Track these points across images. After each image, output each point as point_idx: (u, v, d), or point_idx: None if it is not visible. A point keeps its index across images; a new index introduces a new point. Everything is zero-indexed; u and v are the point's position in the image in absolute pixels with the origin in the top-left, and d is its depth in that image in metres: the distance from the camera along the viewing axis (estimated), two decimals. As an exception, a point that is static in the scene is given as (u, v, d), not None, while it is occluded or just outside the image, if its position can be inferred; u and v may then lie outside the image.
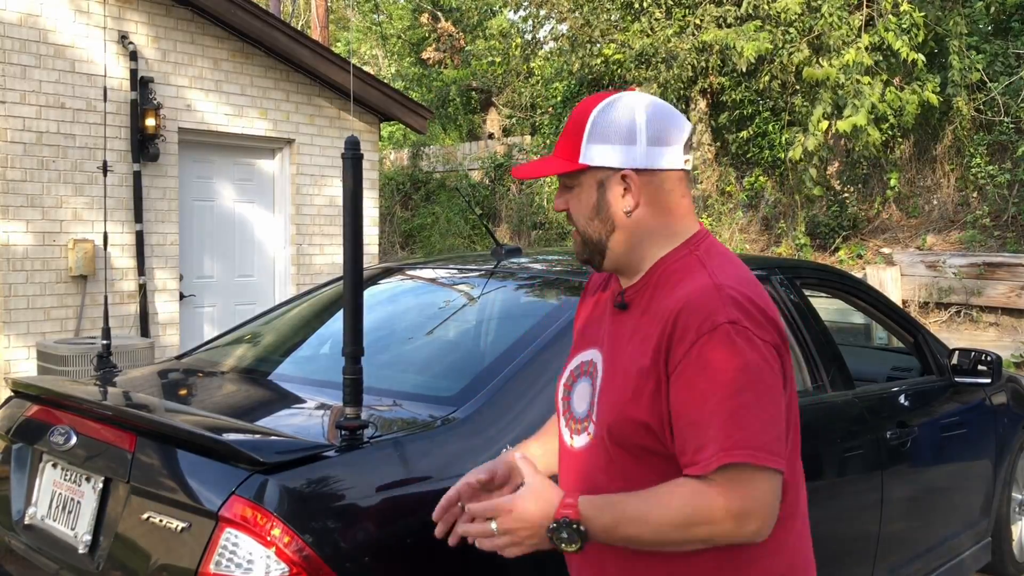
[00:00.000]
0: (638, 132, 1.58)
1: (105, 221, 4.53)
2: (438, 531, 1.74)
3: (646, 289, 1.61)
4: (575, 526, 1.45)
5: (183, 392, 2.90)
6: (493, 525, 1.50)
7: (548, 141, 15.35)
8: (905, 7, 10.18)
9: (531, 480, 1.52)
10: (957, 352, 3.75)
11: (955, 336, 9.55)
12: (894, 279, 10.23)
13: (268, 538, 1.84)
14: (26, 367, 6.12)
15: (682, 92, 12.99)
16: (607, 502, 1.48)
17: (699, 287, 1.52)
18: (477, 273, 3.31)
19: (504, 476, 1.75)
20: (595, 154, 1.58)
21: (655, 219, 1.61)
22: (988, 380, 3.69)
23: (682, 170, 1.61)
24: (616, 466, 1.57)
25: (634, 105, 1.59)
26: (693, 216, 1.65)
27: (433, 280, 3.45)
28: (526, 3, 15.74)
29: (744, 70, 11.75)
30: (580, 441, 1.65)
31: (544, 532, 1.47)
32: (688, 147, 1.61)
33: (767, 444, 1.44)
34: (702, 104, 13.41)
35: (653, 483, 1.49)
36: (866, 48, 10.31)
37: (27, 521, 2.49)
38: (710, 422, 1.43)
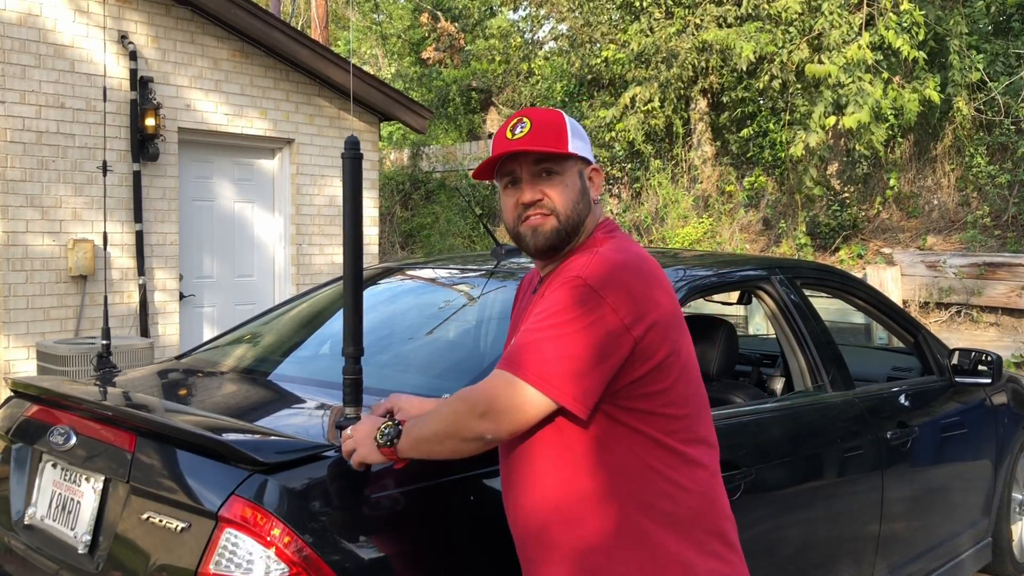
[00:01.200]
0: (588, 140, 1.90)
1: (105, 221, 4.53)
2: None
3: (558, 272, 1.82)
4: (395, 421, 1.83)
5: (183, 392, 2.89)
6: (347, 432, 1.91)
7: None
8: (905, 6, 10.18)
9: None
10: (957, 352, 3.75)
11: (955, 336, 9.54)
12: (894, 279, 10.22)
13: (268, 538, 1.84)
14: (26, 367, 6.12)
15: (682, 92, 13.00)
16: (418, 416, 1.82)
17: (581, 259, 1.77)
18: (477, 273, 3.31)
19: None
20: (578, 147, 1.84)
21: (596, 210, 1.90)
22: (988, 380, 3.69)
23: None
24: (522, 436, 1.78)
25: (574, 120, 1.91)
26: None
27: (433, 280, 3.45)
28: (526, 3, 15.74)
29: (744, 69, 11.75)
30: None
31: (372, 433, 1.83)
32: None
33: (538, 369, 1.65)
34: (702, 104, 13.41)
35: (542, 434, 1.73)
36: (867, 47, 10.31)
37: (27, 521, 2.49)
38: (512, 348, 1.71)
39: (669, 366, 1.73)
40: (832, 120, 10.30)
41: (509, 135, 1.83)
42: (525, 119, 1.83)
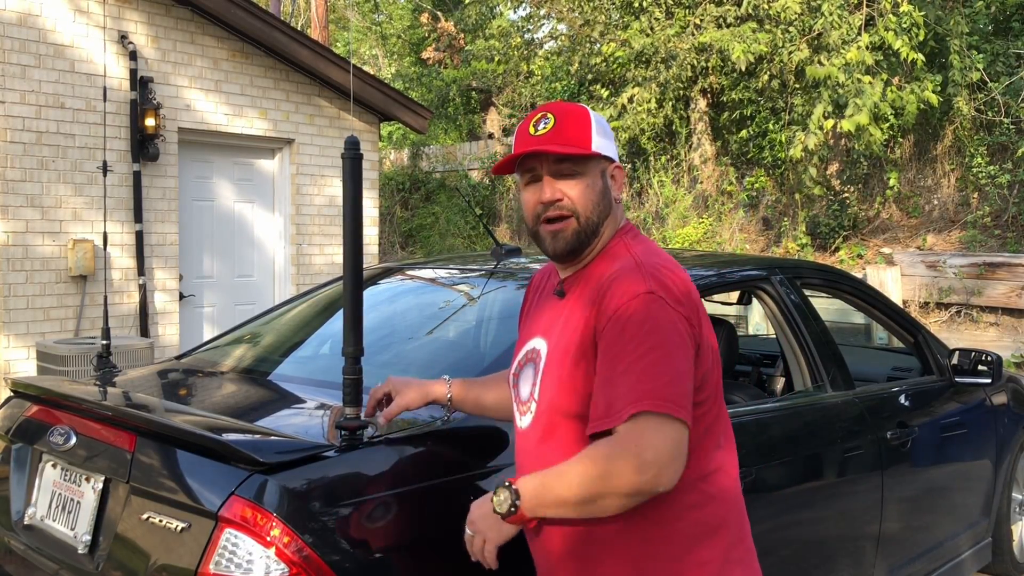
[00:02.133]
0: (612, 136, 1.84)
1: (105, 221, 4.51)
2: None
3: (581, 277, 1.79)
4: (507, 485, 1.67)
5: (183, 392, 2.89)
6: (468, 531, 1.77)
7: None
8: (905, 7, 10.18)
9: None
10: (957, 352, 3.75)
11: (955, 336, 9.54)
12: (894, 279, 10.22)
13: (268, 538, 1.84)
14: (26, 367, 6.12)
15: (682, 92, 13.00)
16: (541, 471, 1.67)
17: (623, 267, 1.71)
18: (477, 273, 3.31)
19: (396, 388, 2.12)
20: (602, 146, 1.77)
21: (619, 210, 1.84)
22: (988, 380, 3.69)
23: None
24: (558, 438, 1.72)
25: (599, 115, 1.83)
26: None
27: (433, 280, 3.45)
28: (526, 3, 15.74)
29: (743, 70, 11.75)
30: (525, 421, 1.82)
31: (490, 507, 1.70)
32: None
33: (672, 396, 1.57)
34: (702, 104, 13.41)
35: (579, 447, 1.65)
36: (866, 47, 10.31)
37: (27, 521, 2.49)
38: (622, 380, 1.58)
39: (705, 367, 1.72)
40: (831, 123, 10.31)
41: (532, 131, 1.77)
42: (549, 115, 1.77)
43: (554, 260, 1.84)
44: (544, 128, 1.75)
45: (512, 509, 1.65)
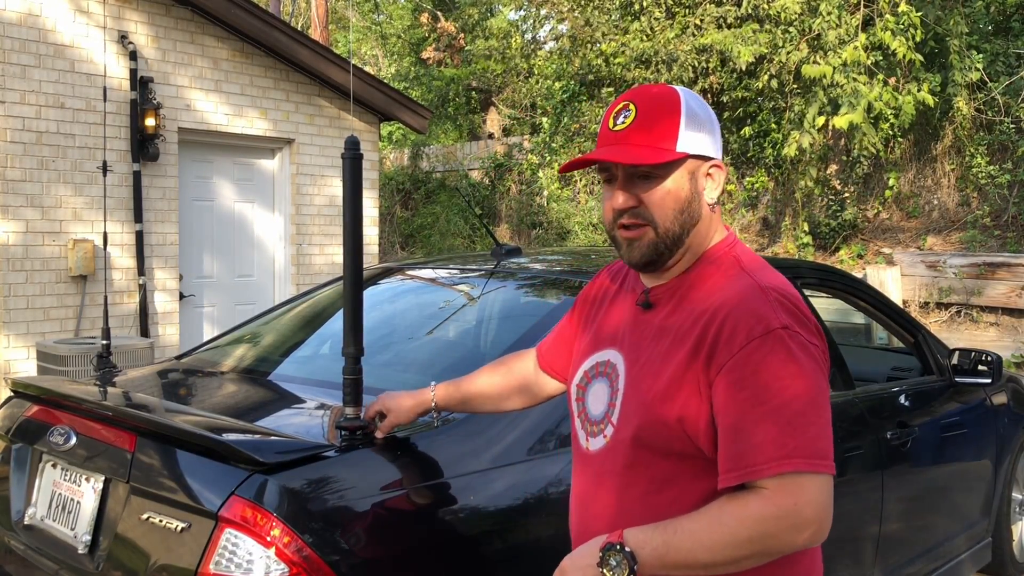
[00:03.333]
0: (715, 124, 1.55)
1: (105, 221, 4.52)
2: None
3: (679, 288, 1.56)
4: (620, 547, 1.41)
5: (183, 392, 2.89)
6: None
7: (548, 140, 15.34)
8: (903, 7, 10.18)
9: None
10: (957, 352, 3.75)
11: (955, 336, 9.55)
12: (894, 279, 10.23)
13: (268, 538, 1.84)
14: (26, 367, 6.12)
15: (682, 92, 12.97)
16: (655, 526, 1.43)
17: (744, 288, 1.47)
18: (477, 273, 3.31)
19: (387, 408, 2.04)
20: (693, 142, 1.51)
21: (717, 216, 1.58)
22: (988, 380, 3.69)
23: None
24: (640, 468, 1.51)
25: (700, 99, 1.56)
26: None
27: (433, 280, 3.45)
28: (526, 3, 15.74)
29: (743, 70, 11.75)
30: (596, 444, 1.59)
31: (595, 568, 1.43)
32: None
33: (821, 450, 1.39)
34: (702, 104, 13.39)
35: (682, 485, 1.48)
36: (864, 48, 10.31)
37: (27, 521, 2.49)
38: (762, 428, 1.38)
39: None
40: (822, 120, 10.31)
41: (611, 124, 1.52)
42: (631, 105, 1.51)
43: (634, 269, 1.62)
44: (623, 123, 1.51)
45: (629, 574, 1.41)
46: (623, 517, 1.51)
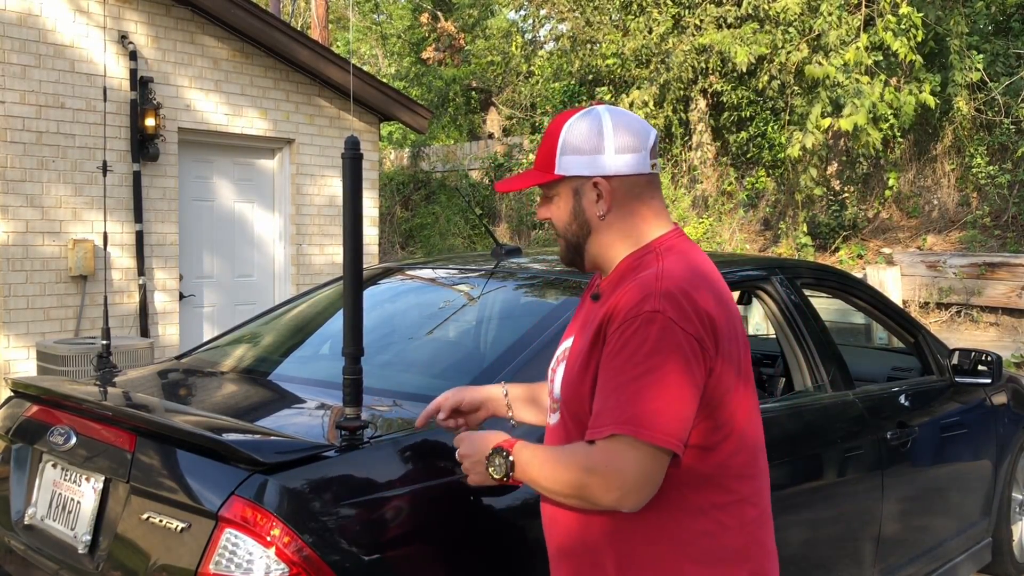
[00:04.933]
0: (605, 141, 1.72)
1: (105, 221, 4.52)
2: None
3: (613, 282, 1.76)
4: (505, 454, 1.71)
5: (183, 392, 2.89)
6: (458, 459, 1.81)
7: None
8: (904, 8, 10.18)
9: (491, 430, 1.82)
10: (957, 352, 3.75)
11: (955, 336, 9.54)
12: (894, 279, 10.22)
13: (268, 538, 1.84)
14: (26, 367, 6.12)
15: (682, 92, 13.00)
16: (535, 447, 1.72)
17: (644, 277, 1.66)
18: (477, 273, 3.31)
19: (472, 404, 2.06)
20: (569, 164, 1.74)
21: (625, 220, 1.75)
22: (988, 380, 3.69)
23: (649, 174, 1.75)
24: (574, 436, 1.72)
25: (601, 116, 1.74)
26: (663, 216, 1.78)
27: (433, 280, 3.45)
28: (526, 3, 15.74)
29: (744, 71, 11.75)
30: (554, 419, 1.83)
31: (482, 459, 1.74)
32: (654, 152, 1.76)
33: (657, 424, 1.55)
34: (702, 104, 13.41)
35: None
36: (865, 48, 10.31)
37: (27, 521, 2.49)
38: (613, 395, 1.58)
39: (722, 389, 1.65)
40: (828, 122, 10.31)
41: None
42: (540, 137, 1.81)
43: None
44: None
45: (504, 479, 1.72)
46: None
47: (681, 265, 1.68)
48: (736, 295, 3.75)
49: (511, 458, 1.70)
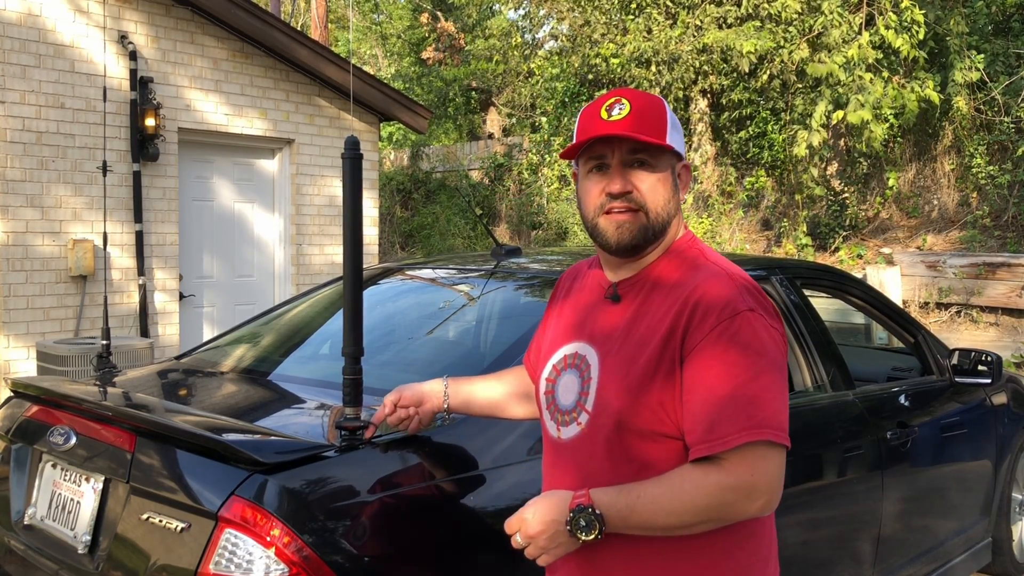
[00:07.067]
0: (681, 133, 1.68)
1: (105, 221, 4.53)
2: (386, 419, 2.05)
3: (645, 280, 1.65)
4: (591, 510, 1.49)
5: (183, 392, 2.89)
6: (518, 537, 1.57)
7: (547, 139, 15.34)
8: (905, 3, 10.17)
9: (540, 495, 1.59)
10: (957, 352, 3.75)
11: (955, 336, 9.55)
12: (894, 279, 10.22)
13: (268, 538, 1.84)
14: (26, 367, 6.12)
15: (682, 92, 13.00)
16: (619, 489, 1.52)
17: (712, 276, 1.58)
18: (477, 273, 3.31)
19: (407, 402, 2.02)
20: (675, 140, 1.64)
21: (679, 214, 1.70)
22: (988, 380, 3.69)
23: None
24: (622, 452, 1.58)
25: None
26: None
27: (433, 280, 3.45)
28: (526, 2, 15.74)
29: (746, 70, 11.75)
30: (569, 432, 1.66)
31: (563, 527, 1.50)
32: None
33: (782, 423, 1.50)
34: (702, 104, 13.41)
35: (661, 466, 1.54)
36: (867, 45, 10.31)
37: (27, 521, 2.49)
38: (730, 402, 1.47)
39: None
40: (840, 115, 10.26)
41: (605, 115, 1.60)
42: (624, 100, 1.61)
43: (615, 254, 1.65)
44: (620, 113, 1.59)
45: (599, 536, 1.49)
46: None
47: (731, 263, 1.65)
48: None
49: (598, 511, 1.49)
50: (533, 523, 1.54)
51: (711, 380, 1.50)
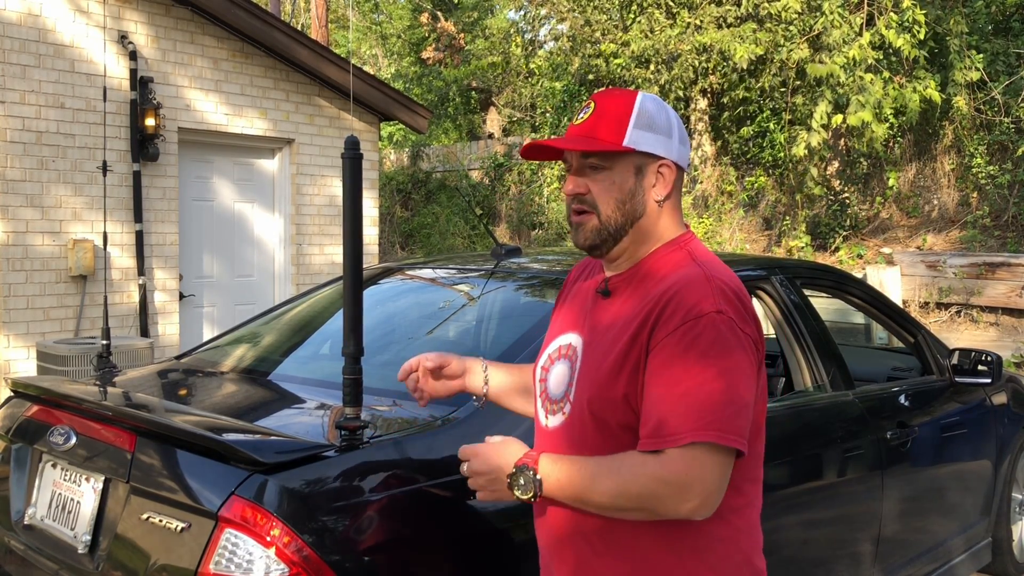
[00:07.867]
0: (672, 128, 1.66)
1: (105, 221, 4.53)
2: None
3: (633, 278, 1.67)
4: (532, 474, 1.55)
5: (183, 392, 2.89)
6: (464, 466, 1.63)
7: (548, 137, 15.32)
8: (907, 3, 10.17)
9: (504, 437, 1.64)
10: (957, 352, 3.75)
11: (955, 336, 9.55)
12: (894, 279, 10.22)
13: (268, 538, 1.84)
14: (26, 367, 6.12)
15: (682, 92, 13.00)
16: (565, 460, 1.57)
17: (690, 275, 1.59)
18: (477, 273, 3.31)
19: (455, 371, 1.92)
20: (640, 139, 1.62)
21: (669, 213, 1.68)
22: (988, 380, 3.69)
23: (684, 172, 1.71)
24: (592, 441, 1.61)
25: (661, 103, 1.68)
26: (682, 217, 1.74)
27: (433, 280, 3.45)
28: (526, 2, 15.73)
29: (744, 69, 11.74)
30: (555, 420, 1.70)
31: (504, 477, 1.57)
32: None
33: (736, 428, 1.49)
34: (702, 103, 13.41)
35: None
36: (867, 46, 10.31)
37: (27, 521, 2.49)
38: (682, 400, 1.49)
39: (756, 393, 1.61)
40: (839, 118, 10.27)
41: (576, 119, 1.66)
42: (592, 103, 1.65)
43: (587, 253, 1.72)
44: (582, 117, 1.65)
45: (533, 499, 1.56)
46: None
47: (719, 265, 1.63)
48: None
49: (538, 476, 1.55)
50: (479, 462, 1.61)
51: (667, 378, 1.51)
